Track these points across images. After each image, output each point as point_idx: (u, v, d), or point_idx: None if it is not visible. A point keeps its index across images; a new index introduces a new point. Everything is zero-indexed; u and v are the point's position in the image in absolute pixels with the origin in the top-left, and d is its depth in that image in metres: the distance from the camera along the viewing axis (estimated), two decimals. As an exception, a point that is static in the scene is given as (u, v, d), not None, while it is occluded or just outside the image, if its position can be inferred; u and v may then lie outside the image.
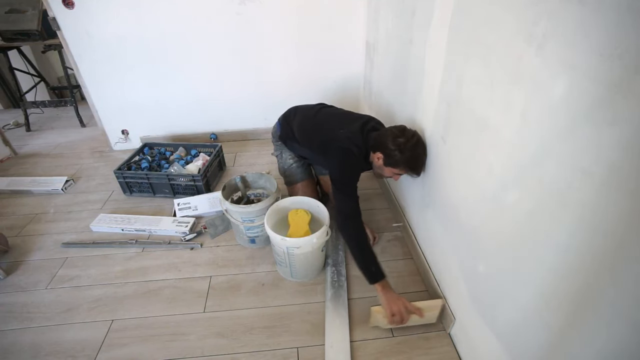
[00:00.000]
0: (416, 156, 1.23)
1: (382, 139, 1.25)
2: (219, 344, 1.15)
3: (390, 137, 1.22)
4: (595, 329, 0.59)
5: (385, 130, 1.29)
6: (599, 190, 0.56)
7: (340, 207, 1.24)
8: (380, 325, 1.17)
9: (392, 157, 1.22)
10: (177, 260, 1.49)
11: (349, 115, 1.50)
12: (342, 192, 1.25)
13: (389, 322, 1.12)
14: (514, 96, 0.74)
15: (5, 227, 1.70)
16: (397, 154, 1.20)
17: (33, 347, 1.16)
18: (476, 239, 0.95)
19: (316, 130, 1.46)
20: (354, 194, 1.27)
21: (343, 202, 1.24)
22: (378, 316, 1.14)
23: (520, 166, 0.74)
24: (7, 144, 2.36)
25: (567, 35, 0.59)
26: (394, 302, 1.11)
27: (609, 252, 0.55)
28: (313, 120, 1.50)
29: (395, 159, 1.22)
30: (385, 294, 1.13)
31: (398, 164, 1.23)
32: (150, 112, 2.31)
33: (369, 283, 1.16)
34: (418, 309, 1.13)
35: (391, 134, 1.23)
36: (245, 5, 1.99)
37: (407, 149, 1.20)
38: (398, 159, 1.21)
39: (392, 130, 1.25)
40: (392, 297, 1.13)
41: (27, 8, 2.40)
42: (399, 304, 1.11)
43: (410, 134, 1.23)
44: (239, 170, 2.16)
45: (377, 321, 1.16)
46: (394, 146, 1.20)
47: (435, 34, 1.13)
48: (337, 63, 2.27)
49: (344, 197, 1.25)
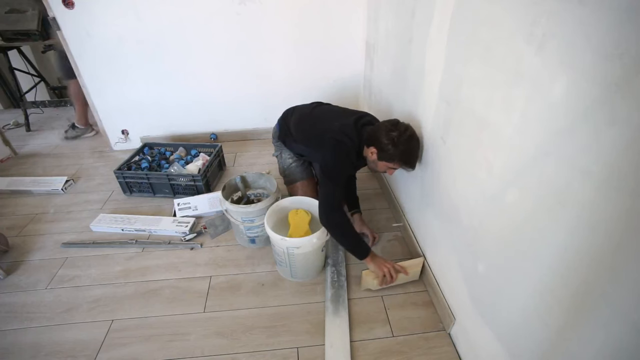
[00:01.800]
0: (410, 150, 1.23)
1: (376, 133, 1.25)
2: (219, 344, 1.15)
3: (383, 131, 1.22)
4: (595, 329, 0.59)
5: (379, 125, 1.29)
6: (598, 190, 0.56)
7: (327, 197, 1.24)
8: (371, 287, 1.30)
9: (386, 152, 1.22)
10: (177, 260, 1.49)
11: (345, 111, 1.50)
12: (331, 180, 1.26)
13: (379, 283, 1.26)
14: (513, 96, 0.74)
15: (5, 227, 1.70)
16: (390, 147, 1.20)
17: (33, 347, 1.16)
18: (476, 238, 0.95)
19: (312, 125, 1.47)
20: (341, 185, 1.30)
21: (331, 192, 1.25)
22: (368, 279, 1.27)
23: (520, 166, 0.74)
24: (7, 144, 2.36)
25: (567, 35, 0.59)
26: (383, 265, 1.25)
27: (608, 252, 0.55)
28: (309, 117, 1.50)
29: (389, 153, 1.22)
30: (374, 260, 1.26)
31: (392, 158, 1.23)
32: (150, 112, 2.31)
33: (360, 259, 1.26)
34: (403, 268, 1.29)
35: (384, 128, 1.23)
36: (245, 5, 1.99)
37: (401, 143, 1.20)
38: (392, 153, 1.21)
39: (385, 125, 1.25)
40: (381, 261, 1.26)
41: (27, 8, 2.40)
42: (387, 265, 1.25)
43: (403, 127, 1.23)
44: (239, 170, 2.16)
45: (368, 283, 1.29)
46: (387, 140, 1.20)
47: (435, 33, 1.13)
48: (337, 63, 2.27)
49: (333, 186, 1.25)
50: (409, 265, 1.31)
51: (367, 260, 1.25)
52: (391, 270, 1.24)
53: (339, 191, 1.28)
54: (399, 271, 1.27)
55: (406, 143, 1.21)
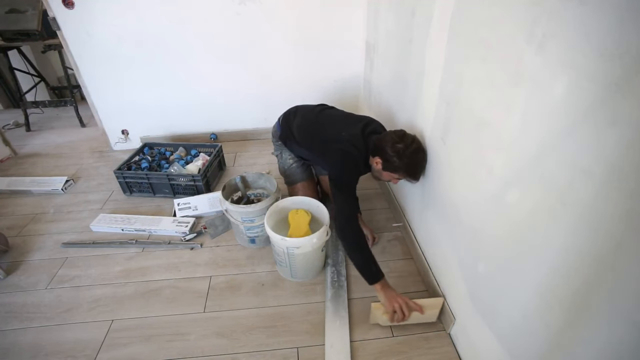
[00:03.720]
0: (415, 163, 1.23)
1: (382, 144, 1.24)
2: (219, 344, 1.15)
3: (389, 143, 1.21)
4: (595, 329, 0.59)
5: (385, 135, 1.28)
6: (599, 190, 0.56)
7: (341, 209, 1.23)
8: (380, 322, 1.17)
9: (391, 163, 1.21)
10: (177, 260, 1.49)
11: (350, 117, 1.49)
12: (343, 192, 1.25)
13: (389, 319, 1.13)
14: (514, 96, 0.74)
15: (5, 227, 1.70)
16: (395, 160, 1.20)
17: (33, 347, 1.16)
18: (476, 238, 0.95)
19: (317, 131, 1.46)
20: (353, 195, 1.27)
21: (344, 203, 1.24)
22: (378, 313, 1.14)
23: (520, 166, 0.74)
24: (7, 144, 2.36)
25: (567, 35, 0.59)
26: (394, 299, 1.12)
27: (609, 252, 0.55)
28: (313, 122, 1.49)
29: (394, 165, 1.21)
30: (385, 292, 1.14)
31: (397, 169, 1.22)
32: (150, 112, 2.31)
33: (370, 283, 1.16)
34: (419, 305, 1.14)
35: (390, 140, 1.22)
36: (245, 5, 1.99)
37: (406, 156, 1.19)
38: (397, 165, 1.21)
39: (392, 136, 1.24)
40: (393, 294, 1.13)
41: (27, 8, 2.40)
42: (399, 301, 1.12)
43: (409, 140, 1.21)
44: (239, 170, 2.16)
45: (377, 318, 1.16)
46: (392, 152, 1.20)
47: (435, 33, 1.13)
48: (337, 63, 2.27)
49: (345, 198, 1.24)
50: (426, 304, 1.16)
51: (376, 288, 1.15)
52: (403, 307, 1.11)
53: (351, 201, 1.27)
54: (413, 309, 1.13)
55: (411, 156, 1.20)
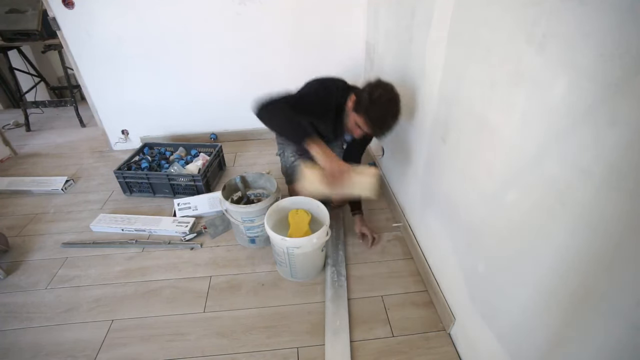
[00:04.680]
0: (383, 113, 1.17)
1: (364, 86, 1.21)
2: (219, 344, 1.15)
3: (368, 84, 1.19)
4: (594, 329, 0.59)
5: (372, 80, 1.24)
6: (598, 190, 0.56)
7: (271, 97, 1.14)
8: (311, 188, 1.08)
9: (361, 105, 1.16)
10: (177, 260, 1.49)
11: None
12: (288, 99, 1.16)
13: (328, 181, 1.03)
14: (514, 96, 0.74)
15: (5, 227, 1.70)
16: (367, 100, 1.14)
17: (33, 347, 1.16)
18: (476, 238, 0.95)
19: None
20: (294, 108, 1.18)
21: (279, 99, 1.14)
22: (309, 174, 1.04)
23: (520, 166, 0.74)
24: (7, 144, 2.36)
25: (567, 35, 0.59)
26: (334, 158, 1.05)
27: (608, 252, 0.55)
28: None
29: (363, 106, 1.15)
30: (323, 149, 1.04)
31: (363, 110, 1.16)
32: (150, 112, 2.31)
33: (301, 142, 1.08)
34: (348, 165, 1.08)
35: (372, 83, 1.19)
36: (245, 5, 1.99)
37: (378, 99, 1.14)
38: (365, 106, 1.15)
39: (377, 81, 1.21)
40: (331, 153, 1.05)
41: (27, 8, 2.40)
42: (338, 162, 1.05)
43: (388, 88, 1.18)
44: (239, 170, 2.16)
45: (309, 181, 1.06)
46: (368, 93, 1.16)
47: (435, 33, 1.13)
48: (337, 63, 2.26)
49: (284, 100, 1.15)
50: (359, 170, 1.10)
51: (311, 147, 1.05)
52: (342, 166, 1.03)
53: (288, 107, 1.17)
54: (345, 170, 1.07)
55: (383, 104, 1.14)
